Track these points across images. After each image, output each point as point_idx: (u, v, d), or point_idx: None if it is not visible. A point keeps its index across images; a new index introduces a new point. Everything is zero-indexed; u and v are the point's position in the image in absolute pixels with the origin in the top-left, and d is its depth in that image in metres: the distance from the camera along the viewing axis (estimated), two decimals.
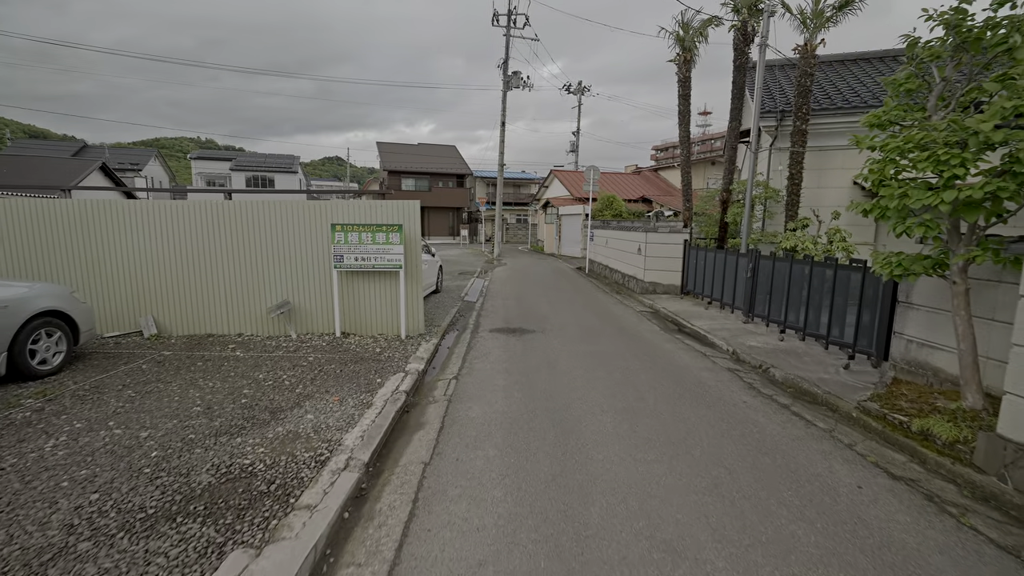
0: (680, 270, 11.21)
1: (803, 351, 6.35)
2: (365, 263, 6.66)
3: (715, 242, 12.19)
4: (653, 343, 7.14)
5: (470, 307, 9.96)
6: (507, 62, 23.43)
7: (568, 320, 8.66)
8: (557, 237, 28.06)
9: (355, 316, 6.97)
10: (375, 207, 6.80)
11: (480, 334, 7.57)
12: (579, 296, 11.73)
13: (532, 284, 13.85)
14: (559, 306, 10.16)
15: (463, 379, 5.38)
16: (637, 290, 11.96)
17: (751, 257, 8.05)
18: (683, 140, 11.40)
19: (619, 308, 10.16)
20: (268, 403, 4.41)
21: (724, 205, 11.22)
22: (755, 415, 4.41)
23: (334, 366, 5.54)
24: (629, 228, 13.09)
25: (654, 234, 11.34)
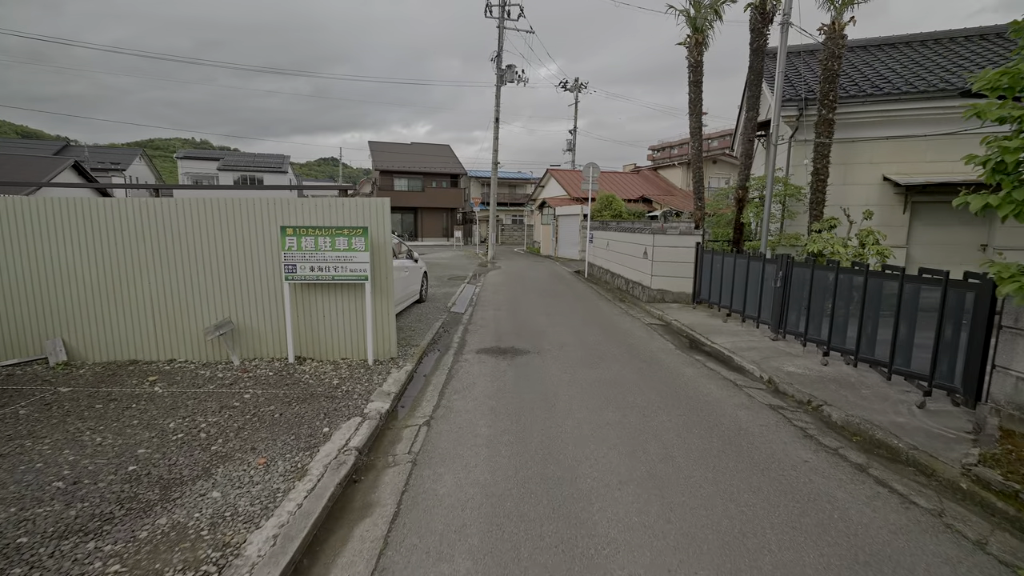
0: (692, 276, 10.07)
1: (856, 381, 5.21)
2: (323, 274, 5.47)
3: (729, 245, 11.06)
4: (670, 367, 5.98)
5: (457, 320, 8.78)
6: (500, 55, 22.28)
7: (568, 336, 7.50)
8: (554, 239, 26.93)
9: (312, 338, 5.78)
10: (335, 206, 5.62)
11: (465, 356, 6.39)
12: (579, 305, 10.57)
13: (528, 291, 12.68)
14: (557, 318, 9.00)
15: (437, 425, 4.21)
16: (643, 298, 10.82)
17: (781, 264, 6.92)
18: (694, 132, 10.28)
19: (625, 320, 9.00)
20: (165, 471, 3.23)
21: (739, 204, 10.10)
22: (826, 485, 3.26)
23: (274, 407, 4.36)
24: (633, 230, 11.95)
25: (662, 236, 10.21)
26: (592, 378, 5.47)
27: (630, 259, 12.07)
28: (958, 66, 10.06)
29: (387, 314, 5.87)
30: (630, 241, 12.12)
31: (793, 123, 10.15)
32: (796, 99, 9.95)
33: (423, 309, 9.50)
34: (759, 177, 10.45)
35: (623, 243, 12.81)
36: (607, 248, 14.74)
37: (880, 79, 10.18)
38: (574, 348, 6.80)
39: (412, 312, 9.13)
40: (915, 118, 9.61)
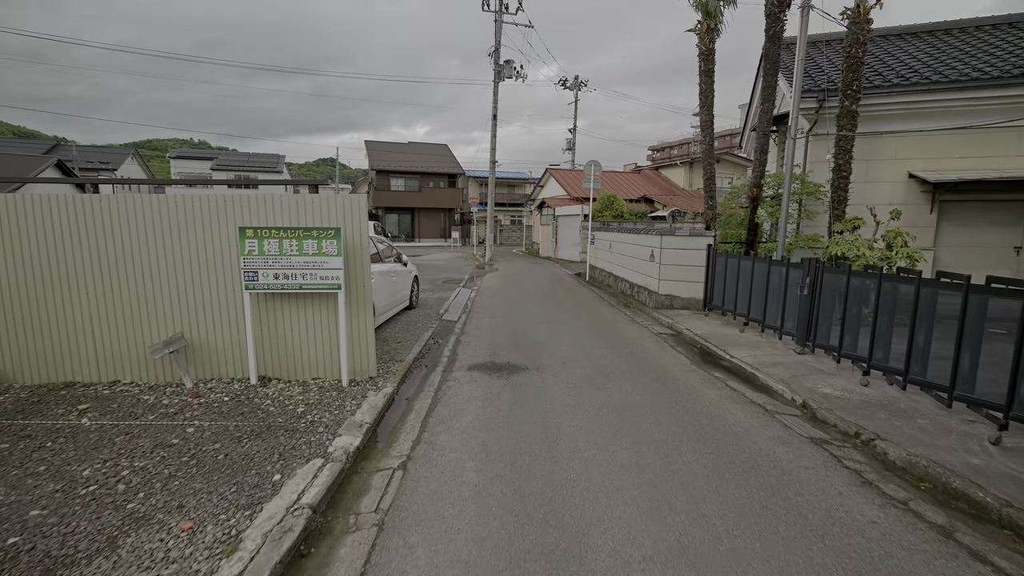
0: (703, 281, 9.35)
1: (908, 407, 4.49)
2: (289, 282, 4.74)
3: (740, 247, 10.35)
4: (688, 388, 5.26)
5: (449, 329, 8.05)
6: (498, 50, 21.56)
7: (570, 348, 6.78)
8: (553, 239, 26.21)
9: (278, 355, 5.04)
10: (303, 204, 4.89)
11: (455, 374, 5.66)
12: (582, 312, 9.84)
13: (526, 296, 11.95)
14: (559, 326, 8.27)
15: (415, 468, 3.48)
16: (650, 304, 10.10)
17: (808, 269, 6.20)
18: (705, 126, 9.57)
19: (632, 329, 8.28)
20: (56, 543, 2.49)
21: (753, 203, 9.38)
22: (910, 562, 2.53)
23: (220, 445, 3.62)
24: (638, 230, 11.24)
25: (671, 237, 9.49)
26: (600, 402, 4.74)
27: (635, 262, 11.35)
28: (989, 55, 9.36)
29: (364, 328, 5.13)
30: (635, 243, 11.40)
31: (812, 116, 9.44)
32: (815, 90, 9.24)
33: (412, 317, 8.76)
34: (775, 174, 9.73)
35: (627, 245, 12.09)
36: (609, 250, 14.02)
37: (905, 69, 9.47)
38: (578, 363, 6.07)
39: (400, 320, 8.39)
40: (945, 110, 8.90)
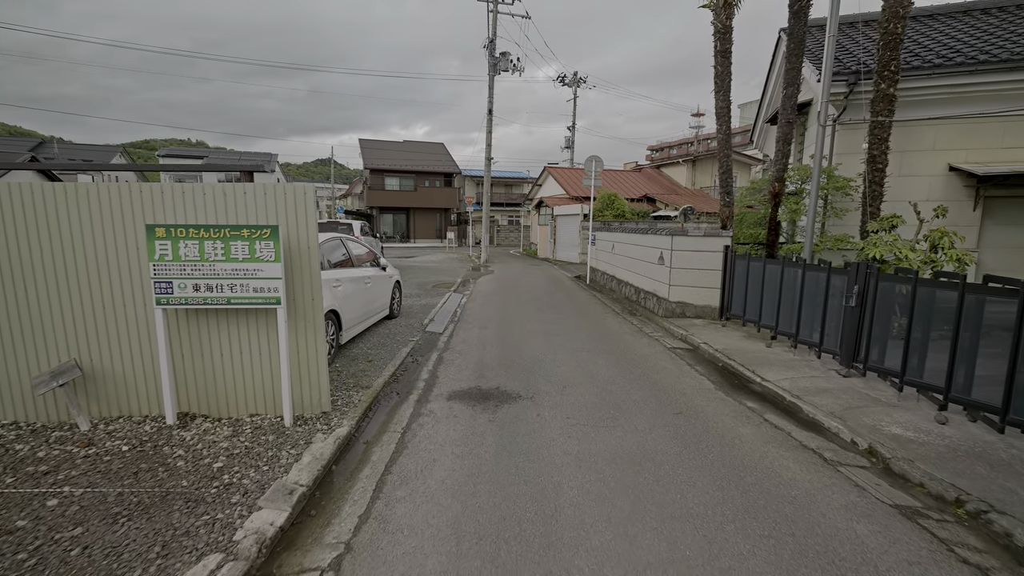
0: (719, 286, 8.33)
1: (1009, 455, 3.47)
2: (214, 295, 3.70)
3: (758, 248, 9.34)
4: (719, 424, 4.23)
5: (432, 343, 7.01)
6: (494, 41, 20.55)
7: (571, 368, 5.75)
8: (552, 240, 25.20)
9: (205, 386, 4.00)
10: (231, 196, 3.85)
11: (431, 405, 4.62)
12: (583, 321, 8.81)
13: (522, 302, 10.91)
14: (558, 339, 7.24)
15: (355, 567, 2.44)
16: (659, 312, 9.07)
17: (856, 275, 5.18)
18: (722, 112, 8.54)
19: (641, 342, 7.25)
20: None
21: (775, 199, 8.37)
22: None
23: (86, 527, 2.58)
24: (645, 231, 10.22)
25: (683, 238, 8.47)
26: (612, 449, 3.71)
27: (641, 264, 10.33)
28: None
29: (314, 352, 4.08)
30: (641, 244, 10.38)
31: (840, 103, 8.44)
32: (845, 73, 8.24)
33: (392, 328, 7.72)
34: (800, 167, 8.71)
35: (632, 246, 11.07)
36: (612, 252, 13.00)
37: (945, 49, 8.48)
38: (581, 389, 5.04)
39: (377, 332, 7.35)
40: (993, 94, 7.90)
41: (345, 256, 6.58)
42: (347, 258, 6.61)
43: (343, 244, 6.64)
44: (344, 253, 6.59)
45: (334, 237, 6.43)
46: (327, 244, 6.13)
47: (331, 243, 6.26)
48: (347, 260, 6.59)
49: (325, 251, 6.02)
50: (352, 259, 6.74)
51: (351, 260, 6.70)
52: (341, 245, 6.57)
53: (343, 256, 6.54)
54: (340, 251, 6.50)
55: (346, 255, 6.63)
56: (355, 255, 6.99)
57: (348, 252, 6.70)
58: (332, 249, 6.25)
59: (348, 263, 6.58)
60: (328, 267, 5.92)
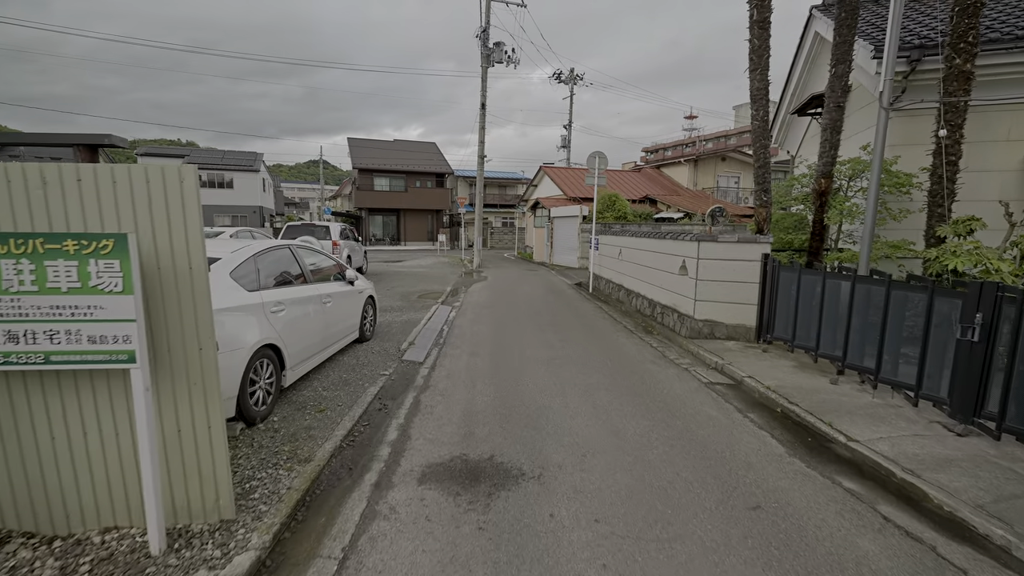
0: (756, 302, 6.96)
1: None
2: (20, 349, 2.25)
3: (796, 255, 7.99)
4: (826, 534, 2.83)
5: (408, 378, 5.57)
6: (487, 30, 19.15)
7: (590, 421, 4.34)
8: (549, 243, 23.82)
9: (26, 487, 2.54)
10: (54, 184, 2.39)
11: (394, 495, 3.18)
12: (593, 344, 7.40)
13: (519, 317, 9.49)
14: (566, 372, 5.83)
15: None
16: (682, 331, 7.69)
17: (977, 300, 3.81)
18: (758, 95, 7.16)
19: (668, 375, 5.85)
20: None
21: (820, 198, 7.02)
22: None
23: None
24: (661, 235, 8.83)
25: (712, 244, 7.09)
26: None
27: (657, 274, 8.95)
28: None
29: (204, 428, 2.63)
30: (657, 250, 8.99)
31: (899, 84, 7.12)
32: (906, 48, 6.93)
33: (361, 355, 6.27)
34: (851, 161, 7.35)
35: (645, 252, 9.69)
36: (619, 258, 11.62)
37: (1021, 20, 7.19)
38: (606, 458, 3.63)
39: (340, 363, 5.90)
40: None
41: (294, 271, 5.12)
42: (297, 274, 5.14)
43: (291, 255, 5.18)
44: (293, 267, 5.13)
45: (276, 246, 4.97)
46: (266, 256, 4.67)
47: (271, 255, 4.80)
48: (297, 276, 5.12)
49: (263, 266, 4.57)
50: (305, 274, 5.28)
51: (304, 275, 5.23)
52: (287, 256, 5.11)
53: (291, 271, 5.08)
54: (285, 264, 5.04)
55: (297, 269, 5.16)
56: (311, 268, 5.53)
57: (299, 265, 5.24)
58: (273, 263, 4.79)
59: (298, 279, 5.11)
60: (266, 286, 4.46)
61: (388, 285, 13.58)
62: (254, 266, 4.37)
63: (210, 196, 40.75)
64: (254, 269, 4.35)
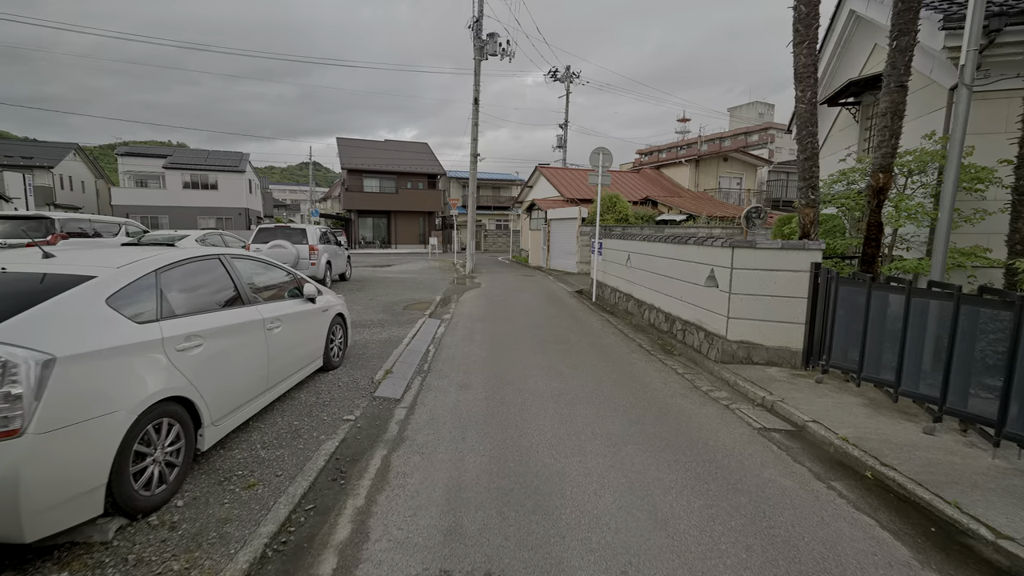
0: (804, 320, 5.80)
1: None
2: None
3: (844, 263, 6.85)
4: None
5: (378, 427, 4.33)
6: (479, 20, 17.99)
7: (621, 502, 3.14)
8: (545, 247, 22.67)
9: None
10: None
11: None
12: (608, 371, 6.21)
13: (518, 333, 8.28)
14: (580, 414, 4.62)
15: None
16: (711, 353, 6.52)
17: None
18: (804, 73, 5.99)
19: (708, 415, 4.66)
20: None
21: (878, 196, 5.87)
22: None
23: None
24: (683, 239, 7.66)
25: (749, 252, 5.94)
26: None
27: (676, 285, 7.78)
28: None
29: None
30: (676, 256, 7.83)
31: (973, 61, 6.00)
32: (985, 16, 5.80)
33: (322, 391, 5.03)
34: (919, 152, 6.20)
35: (660, 259, 8.52)
36: (627, 265, 10.45)
37: None
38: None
39: (294, 402, 4.65)
40: None
41: (224, 290, 3.87)
42: (229, 294, 3.89)
43: (222, 268, 3.93)
44: (222, 284, 3.88)
45: (194, 257, 3.71)
46: (176, 272, 3.41)
47: (185, 269, 3.54)
48: (229, 297, 3.87)
49: (172, 285, 3.32)
50: (242, 293, 4.02)
51: (240, 295, 3.98)
52: (214, 270, 3.86)
53: (219, 289, 3.83)
54: (210, 281, 3.79)
55: (228, 288, 3.91)
56: (254, 285, 4.29)
57: (234, 282, 3.98)
58: (187, 280, 3.53)
59: (230, 302, 3.86)
60: (173, 313, 3.21)
61: (372, 293, 12.32)
62: (154, 287, 3.13)
63: (193, 198, 39.35)
64: (153, 291, 3.11)
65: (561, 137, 35.58)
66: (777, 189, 31.35)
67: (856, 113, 9.28)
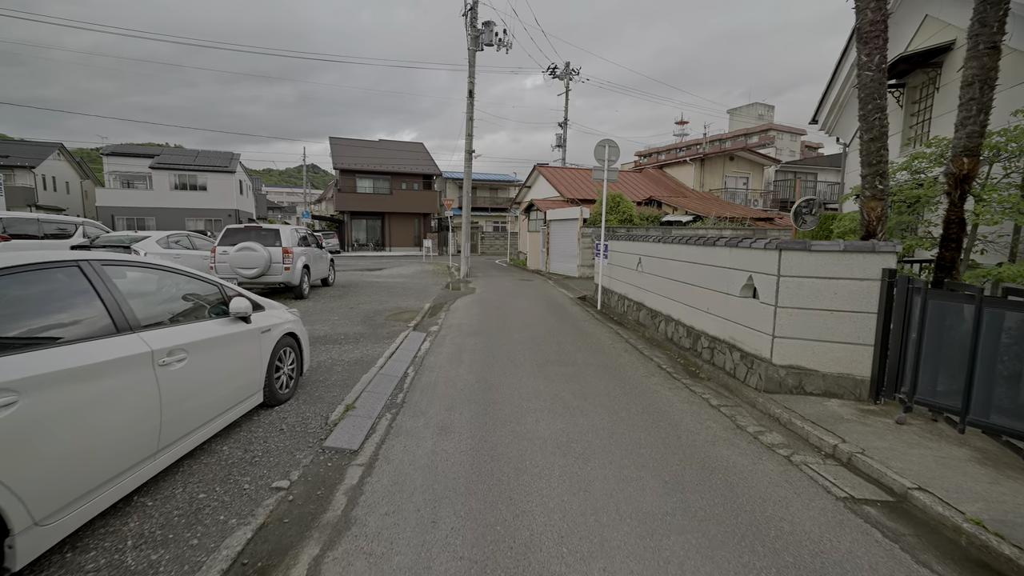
0: (874, 341, 4.62)
1: None
2: None
3: (918, 268, 5.68)
4: None
5: (315, 508, 3.12)
6: (474, 8, 16.83)
7: None
8: (544, 249, 21.51)
9: None
10: None
11: None
12: (627, 405, 5.01)
13: (515, 351, 7.08)
14: (594, 469, 3.43)
15: None
16: (750, 379, 5.33)
17: None
18: (871, 33, 4.71)
19: (770, 478, 3.46)
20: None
21: (961, 185, 4.71)
22: None
23: None
24: (709, 240, 6.47)
25: (801, 255, 4.77)
26: None
27: (701, 294, 6.60)
28: None
29: None
30: (701, 260, 6.64)
31: None
32: None
33: (254, 439, 3.82)
34: (1011, 130, 5.02)
35: (680, 263, 7.34)
36: (638, 269, 9.27)
37: None
38: None
39: (208, 456, 3.45)
40: None
41: (82, 315, 2.65)
42: (97, 320, 2.68)
43: (83, 281, 2.72)
44: (80, 307, 2.67)
45: (34, 266, 2.50)
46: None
47: (4, 282, 2.33)
48: (94, 326, 2.66)
49: None
50: (115, 315, 2.80)
51: (112, 319, 2.76)
52: (71, 284, 2.65)
53: (73, 316, 2.62)
54: (53, 303, 2.57)
55: (92, 311, 2.69)
56: (140, 303, 3.08)
57: (103, 302, 2.76)
58: (8, 298, 2.32)
59: (95, 331, 2.65)
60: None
61: (353, 301, 11.11)
62: None
63: (181, 199, 38.13)
64: None
65: (560, 136, 34.46)
66: (784, 189, 30.28)
67: (900, 96, 8.15)
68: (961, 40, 6.69)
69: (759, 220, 21.68)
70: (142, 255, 10.15)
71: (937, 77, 7.13)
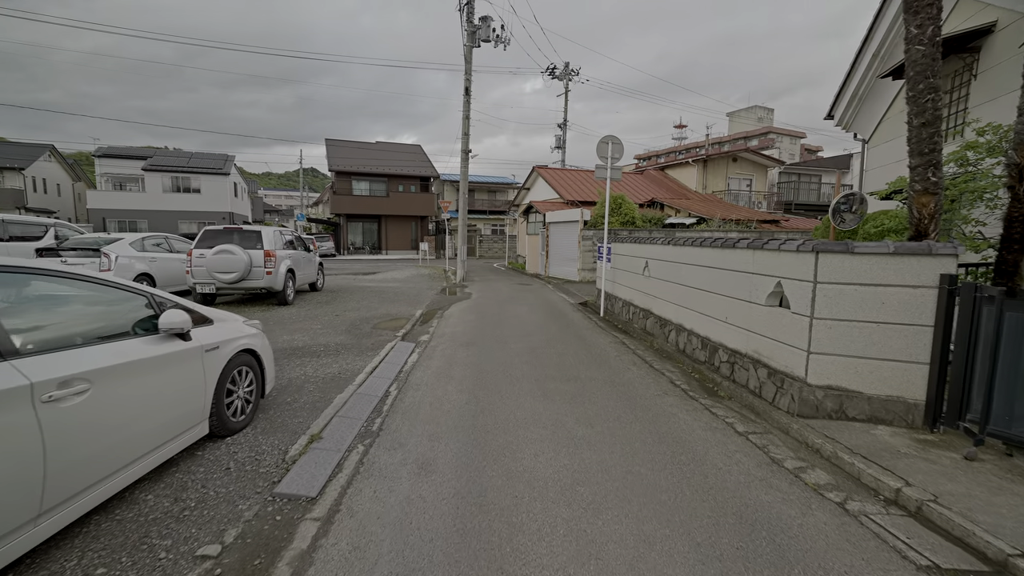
0: (929, 359, 3.95)
1: None
2: None
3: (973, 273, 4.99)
4: None
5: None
6: (471, 2, 16.23)
7: None
8: (544, 252, 20.84)
9: None
10: None
11: None
12: (640, 433, 4.33)
13: (512, 365, 6.39)
14: (607, 523, 2.75)
15: None
16: (780, 400, 4.65)
17: None
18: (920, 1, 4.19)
19: (827, 539, 2.77)
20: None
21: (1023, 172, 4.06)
22: None
23: None
24: (725, 243, 5.80)
25: (840, 258, 4.10)
26: None
27: (717, 301, 5.92)
28: None
29: None
30: (718, 264, 5.97)
31: None
32: None
33: (188, 485, 3.13)
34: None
35: (693, 267, 6.66)
36: (644, 274, 8.59)
37: None
38: None
39: (127, 509, 2.76)
40: None
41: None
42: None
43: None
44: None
45: None
46: None
47: None
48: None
49: None
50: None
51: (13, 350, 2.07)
52: None
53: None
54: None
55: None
56: (21, 319, 2.40)
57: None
58: None
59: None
60: None
61: (340, 307, 10.42)
62: None
63: (174, 201, 37.47)
64: None
65: (560, 137, 33.88)
66: (788, 191, 29.68)
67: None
68: (1004, 20, 6.05)
69: (764, 222, 21.07)
70: (113, 259, 9.46)
71: (975, 63, 6.49)
